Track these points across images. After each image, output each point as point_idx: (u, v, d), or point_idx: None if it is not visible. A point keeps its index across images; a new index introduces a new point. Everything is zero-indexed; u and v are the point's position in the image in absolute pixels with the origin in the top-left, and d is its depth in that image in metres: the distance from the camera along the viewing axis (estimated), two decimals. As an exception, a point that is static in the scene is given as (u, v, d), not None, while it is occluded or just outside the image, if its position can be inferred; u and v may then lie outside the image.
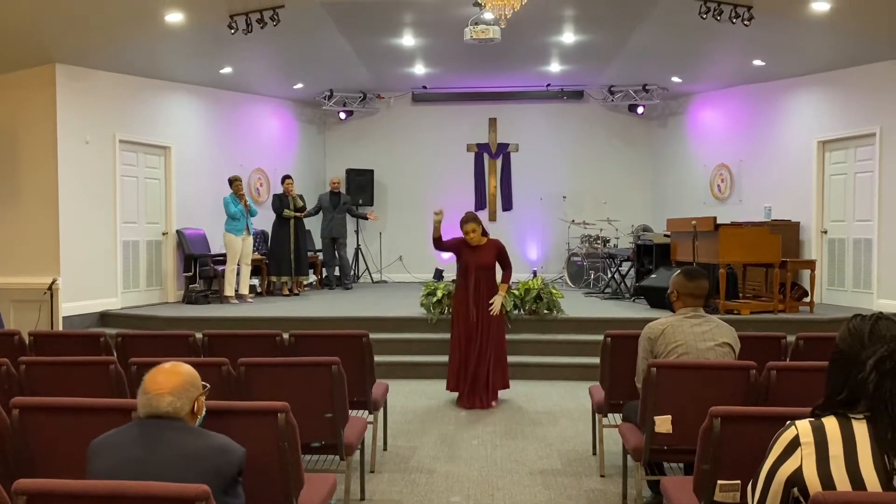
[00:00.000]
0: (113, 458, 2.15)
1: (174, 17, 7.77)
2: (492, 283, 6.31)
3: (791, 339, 4.52)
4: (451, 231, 6.42)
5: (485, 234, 6.27)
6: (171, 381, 2.27)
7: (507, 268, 6.34)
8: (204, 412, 2.39)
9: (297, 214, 10.52)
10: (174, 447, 2.15)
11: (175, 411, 2.24)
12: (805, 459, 1.72)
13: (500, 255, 6.29)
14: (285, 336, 4.64)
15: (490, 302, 6.19)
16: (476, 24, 8.20)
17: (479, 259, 6.21)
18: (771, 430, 2.49)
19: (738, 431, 2.69)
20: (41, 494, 1.88)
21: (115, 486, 1.87)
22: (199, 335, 4.72)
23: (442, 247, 6.34)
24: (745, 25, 7.73)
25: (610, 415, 4.63)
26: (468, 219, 6.24)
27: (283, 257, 10.48)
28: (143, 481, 1.91)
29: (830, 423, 1.74)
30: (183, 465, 2.09)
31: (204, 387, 2.36)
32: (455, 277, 6.59)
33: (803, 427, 1.77)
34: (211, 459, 2.16)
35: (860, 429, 1.71)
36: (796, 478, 1.72)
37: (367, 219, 11.89)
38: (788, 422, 1.84)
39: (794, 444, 1.75)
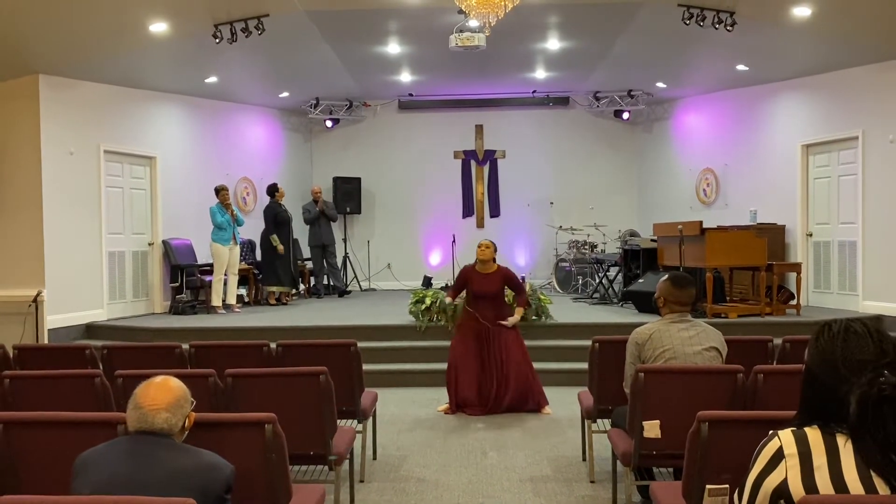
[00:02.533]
0: (100, 474, 2.12)
1: (158, 27, 7.75)
2: (500, 308, 6.38)
3: (778, 341, 4.54)
4: (436, 238, 6.51)
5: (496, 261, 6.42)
6: (166, 396, 2.24)
7: (520, 292, 6.52)
8: None
9: (280, 248, 10.35)
10: (163, 464, 2.12)
11: (169, 428, 2.21)
12: (790, 471, 1.71)
13: (509, 281, 6.41)
14: (273, 346, 4.62)
15: (502, 322, 6.31)
16: (461, 31, 8.22)
17: (485, 287, 6.29)
18: (758, 434, 2.49)
19: (725, 435, 2.70)
20: (25, 511, 1.86)
21: (100, 502, 1.85)
22: (185, 346, 4.69)
23: (457, 290, 6.56)
24: (728, 31, 7.80)
25: (599, 420, 4.63)
26: (484, 241, 6.47)
27: (284, 267, 10.44)
28: (129, 496, 1.89)
29: (814, 434, 1.74)
30: (170, 483, 2.07)
31: (192, 402, 2.34)
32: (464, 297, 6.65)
33: (786, 438, 1.76)
34: (198, 477, 2.13)
35: (843, 441, 1.71)
36: (782, 490, 1.72)
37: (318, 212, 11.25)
38: (771, 432, 1.82)
39: (778, 456, 1.74)
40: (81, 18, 7.33)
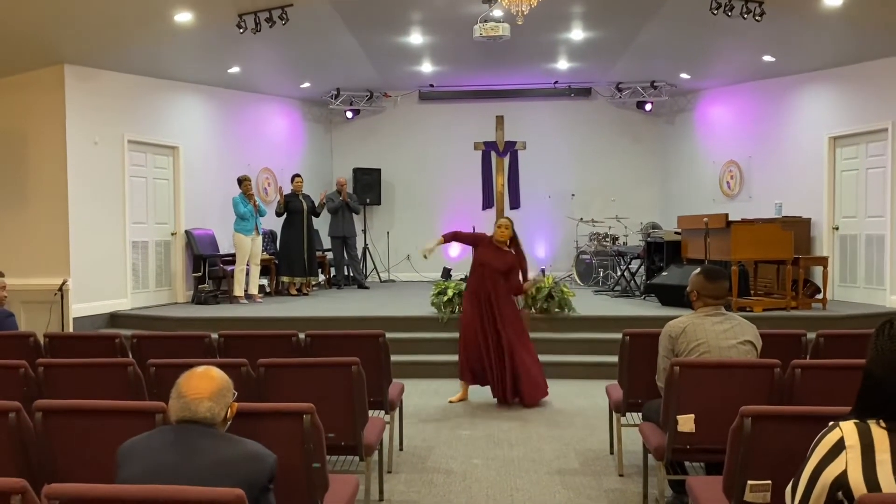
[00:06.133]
0: (144, 464, 2.12)
1: (182, 17, 7.75)
2: (503, 289, 6.23)
3: (811, 336, 4.48)
4: (455, 228, 6.52)
5: (514, 241, 6.29)
6: (209, 386, 2.23)
7: (524, 274, 6.30)
8: None
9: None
10: (207, 454, 2.12)
11: (213, 417, 2.20)
12: (850, 463, 1.68)
13: (519, 263, 6.26)
14: (301, 336, 4.62)
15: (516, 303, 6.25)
16: (485, 21, 8.16)
17: (493, 260, 6.19)
18: (802, 430, 2.46)
19: (768, 431, 2.66)
20: (73, 499, 1.86)
21: (148, 491, 1.85)
22: (214, 335, 4.70)
23: (458, 238, 6.43)
24: (757, 21, 7.69)
25: (627, 413, 4.59)
26: (504, 220, 6.31)
27: (295, 258, 10.46)
28: (177, 486, 1.88)
29: (878, 428, 1.70)
30: (215, 473, 2.06)
31: (234, 393, 2.33)
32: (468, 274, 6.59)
33: (848, 429, 1.72)
34: (243, 467, 2.12)
35: None
36: (841, 482, 1.68)
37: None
38: (832, 423, 1.79)
39: (839, 447, 1.70)
40: (106, 8, 7.34)
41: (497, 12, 8.03)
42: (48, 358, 4.43)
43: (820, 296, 8.68)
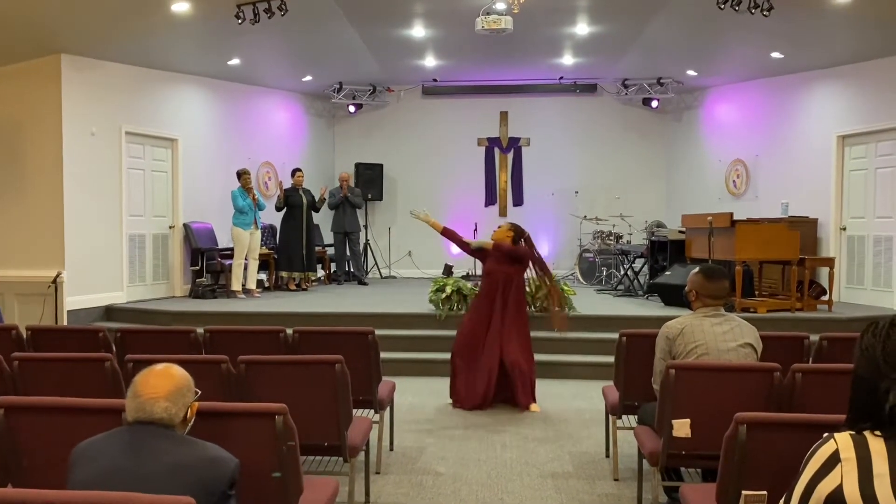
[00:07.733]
0: (96, 467, 2.00)
1: (180, 7, 7.63)
2: (518, 289, 6.10)
3: (814, 338, 4.34)
4: (458, 226, 6.40)
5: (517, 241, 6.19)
6: (166, 385, 2.11)
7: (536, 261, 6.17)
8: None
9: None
10: (163, 458, 2.00)
11: (170, 418, 2.09)
12: (846, 477, 1.56)
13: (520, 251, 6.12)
14: (289, 332, 4.51)
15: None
16: (488, 14, 8.02)
17: (501, 264, 6.08)
18: (799, 438, 2.33)
19: (764, 439, 2.53)
20: (15, 505, 1.74)
21: (95, 498, 1.73)
22: (200, 330, 4.59)
23: (472, 252, 6.32)
24: (765, 16, 7.52)
25: (624, 416, 4.47)
26: (503, 225, 6.28)
27: (294, 253, 10.36)
28: (125, 492, 1.76)
29: (875, 439, 1.58)
30: (170, 477, 1.94)
31: (196, 392, 2.21)
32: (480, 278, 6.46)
33: (844, 441, 1.60)
34: (200, 471, 2.00)
35: None
36: (836, 497, 1.56)
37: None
38: (826, 434, 1.67)
39: (834, 459, 1.59)
40: (103, -3, 7.24)
41: (500, 5, 7.90)
42: (30, 351, 4.34)
43: (826, 297, 8.52)
